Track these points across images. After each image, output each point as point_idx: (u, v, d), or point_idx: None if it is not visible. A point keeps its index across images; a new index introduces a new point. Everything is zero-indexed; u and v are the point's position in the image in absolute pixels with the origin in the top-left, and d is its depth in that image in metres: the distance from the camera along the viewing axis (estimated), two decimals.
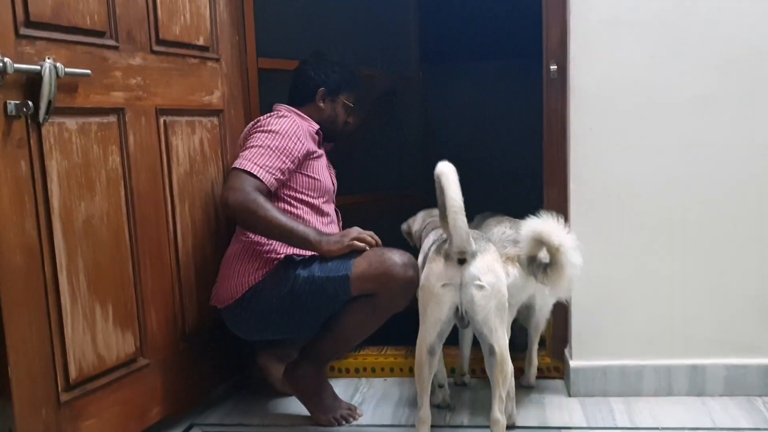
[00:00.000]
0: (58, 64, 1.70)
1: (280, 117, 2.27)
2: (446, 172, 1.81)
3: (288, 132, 2.21)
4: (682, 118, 2.28)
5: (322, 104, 2.46)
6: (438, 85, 4.25)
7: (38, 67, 1.66)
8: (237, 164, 2.14)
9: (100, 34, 1.89)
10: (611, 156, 2.31)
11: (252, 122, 2.30)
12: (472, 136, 4.37)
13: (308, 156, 2.28)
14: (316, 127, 2.40)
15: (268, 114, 2.32)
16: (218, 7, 2.37)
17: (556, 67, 2.35)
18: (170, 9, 2.14)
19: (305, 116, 2.40)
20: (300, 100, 2.45)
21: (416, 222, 2.54)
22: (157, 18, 2.09)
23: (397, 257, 2.08)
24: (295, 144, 2.22)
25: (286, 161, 2.19)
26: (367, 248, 2.12)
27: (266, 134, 2.20)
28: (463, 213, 1.80)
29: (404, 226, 2.59)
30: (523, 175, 2.83)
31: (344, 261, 2.11)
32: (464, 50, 4.34)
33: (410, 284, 2.07)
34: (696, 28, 2.24)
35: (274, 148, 2.17)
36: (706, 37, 2.24)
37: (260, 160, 2.14)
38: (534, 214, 2.01)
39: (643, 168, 2.31)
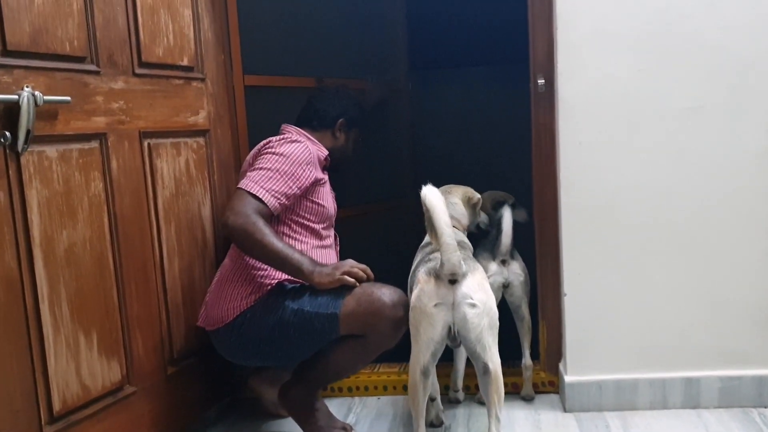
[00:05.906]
0: (36, 93, 1.67)
1: (293, 141, 2.24)
2: (433, 202, 1.79)
3: (299, 158, 2.18)
4: (671, 129, 2.27)
5: (338, 134, 2.46)
6: (427, 93, 4.23)
7: (15, 97, 1.63)
8: (243, 185, 2.11)
9: (80, 59, 1.87)
10: (602, 168, 2.30)
11: (263, 142, 2.26)
12: (461, 143, 4.35)
13: (316, 183, 2.25)
14: (326, 152, 2.38)
15: (280, 136, 2.29)
16: (203, 26, 2.36)
17: (543, 81, 2.34)
18: (153, 31, 2.12)
19: (316, 141, 2.38)
20: (316, 125, 2.42)
21: None
22: (139, 40, 2.07)
23: (386, 297, 2.04)
24: (304, 171, 2.18)
25: (293, 187, 2.15)
26: (357, 284, 2.08)
27: (277, 157, 2.16)
28: (454, 240, 1.79)
29: None
30: (513, 181, 2.84)
31: (334, 298, 2.07)
32: (453, 57, 4.32)
33: (399, 324, 2.04)
34: (682, 40, 2.23)
35: (282, 173, 2.14)
36: (693, 49, 2.23)
37: (267, 184, 2.11)
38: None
39: (634, 179, 2.30)
